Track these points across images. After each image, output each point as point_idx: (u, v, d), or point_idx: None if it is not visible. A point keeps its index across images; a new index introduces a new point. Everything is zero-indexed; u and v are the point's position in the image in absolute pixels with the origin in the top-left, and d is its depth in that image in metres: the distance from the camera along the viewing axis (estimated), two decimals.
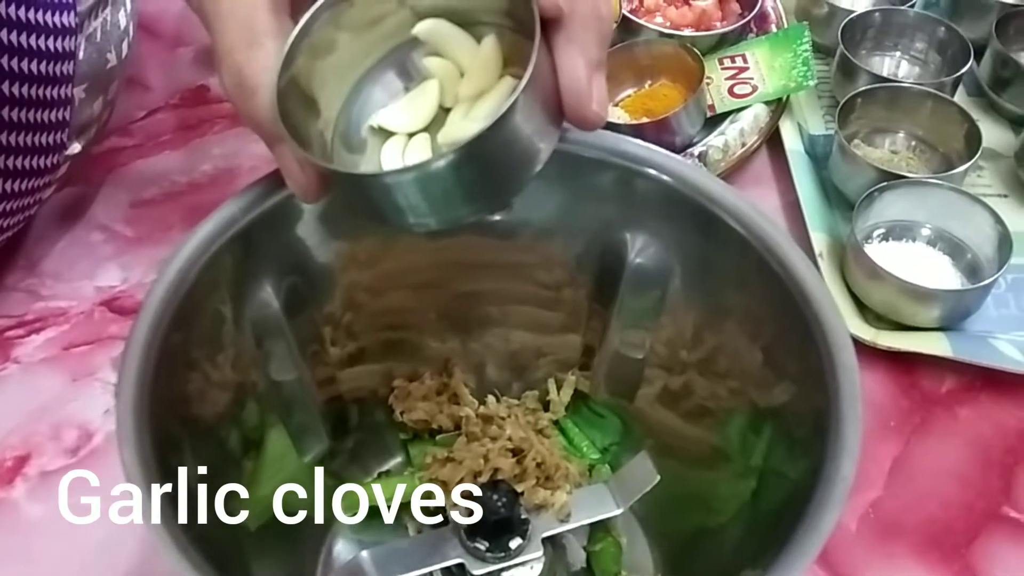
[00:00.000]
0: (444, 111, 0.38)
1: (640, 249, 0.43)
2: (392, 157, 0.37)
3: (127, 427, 0.33)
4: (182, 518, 0.32)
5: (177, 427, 0.36)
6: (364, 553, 0.41)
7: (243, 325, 0.40)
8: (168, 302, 0.36)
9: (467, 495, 0.42)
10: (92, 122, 0.61)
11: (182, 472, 0.34)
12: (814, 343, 0.36)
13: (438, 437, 0.48)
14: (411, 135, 0.37)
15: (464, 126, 0.36)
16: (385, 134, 0.38)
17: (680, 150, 0.65)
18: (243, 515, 0.37)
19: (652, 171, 0.40)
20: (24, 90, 0.53)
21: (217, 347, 0.39)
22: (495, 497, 0.40)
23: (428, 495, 0.43)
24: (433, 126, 0.37)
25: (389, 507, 0.46)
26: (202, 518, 0.35)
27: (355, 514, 0.46)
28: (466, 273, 0.46)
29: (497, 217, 0.43)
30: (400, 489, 0.45)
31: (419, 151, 0.37)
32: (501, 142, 0.33)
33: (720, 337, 0.42)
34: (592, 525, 0.46)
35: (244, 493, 0.37)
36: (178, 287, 0.36)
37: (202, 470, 0.36)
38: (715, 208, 0.40)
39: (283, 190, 0.37)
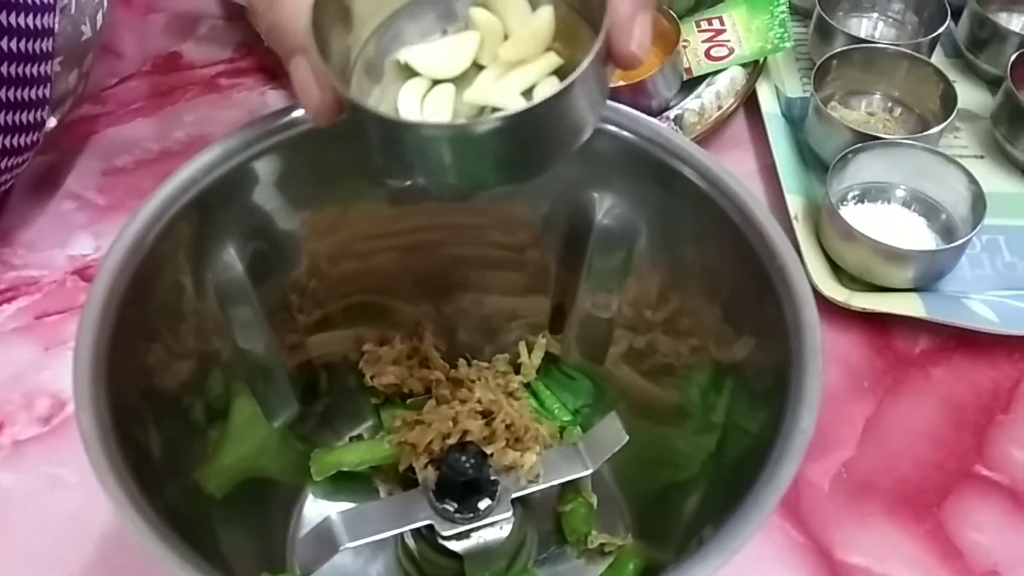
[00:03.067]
0: (476, 67, 0.35)
1: (607, 209, 0.43)
2: (410, 99, 0.34)
3: (85, 401, 0.32)
4: (146, 490, 0.31)
5: (138, 399, 0.36)
6: (333, 515, 0.41)
7: (205, 291, 0.40)
8: (124, 271, 0.35)
9: (435, 457, 0.43)
10: (67, 95, 0.61)
11: (145, 443, 0.34)
12: (775, 296, 0.36)
13: (409, 401, 0.48)
14: (435, 82, 0.35)
15: (494, 90, 0.34)
16: (408, 72, 0.35)
17: (656, 113, 0.65)
18: (209, 484, 0.37)
19: (613, 128, 0.40)
20: (3, 69, 0.52)
21: (178, 317, 0.39)
22: (463, 458, 0.40)
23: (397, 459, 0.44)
24: (460, 80, 0.35)
25: (360, 470, 0.46)
26: (167, 489, 0.35)
27: (325, 478, 0.46)
28: (434, 237, 0.46)
29: None
30: (371, 452, 0.45)
31: (441, 101, 0.34)
32: (555, 115, 0.30)
33: (683, 296, 0.42)
34: (563, 486, 0.46)
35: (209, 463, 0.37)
36: (134, 255, 0.36)
37: (166, 441, 0.36)
38: (676, 162, 0.39)
39: (243, 152, 0.37)
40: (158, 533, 0.29)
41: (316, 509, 0.46)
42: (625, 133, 0.40)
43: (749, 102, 0.69)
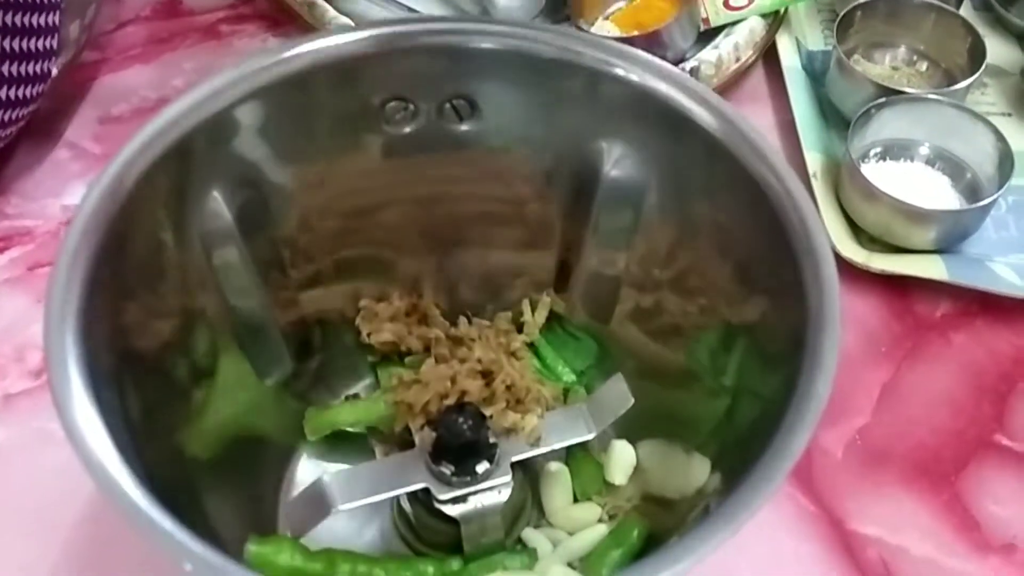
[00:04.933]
0: None
1: (616, 160, 0.41)
2: None
3: (59, 361, 0.31)
4: (125, 453, 0.30)
5: (117, 359, 0.34)
6: (325, 477, 0.39)
7: (189, 242, 0.38)
8: (97, 227, 0.33)
9: (432, 418, 0.41)
10: (68, 46, 0.60)
11: (124, 405, 0.33)
12: (791, 251, 0.34)
13: (407, 359, 0.46)
14: None
15: None
16: None
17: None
18: (193, 446, 0.35)
19: (621, 72, 0.38)
20: (10, 18, 0.52)
21: (158, 273, 0.37)
22: (460, 420, 0.39)
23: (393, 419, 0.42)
24: None
25: (355, 431, 0.44)
26: (148, 452, 0.33)
27: (320, 438, 0.45)
28: (432, 191, 0.44)
29: (464, 128, 0.41)
30: (366, 412, 0.44)
31: None
32: None
33: (693, 253, 0.40)
34: (569, 448, 0.44)
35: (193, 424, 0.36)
36: (107, 211, 0.34)
37: (147, 402, 0.34)
38: (689, 108, 0.37)
39: (223, 97, 0.35)
40: (137, 499, 0.28)
41: (309, 470, 0.45)
42: (634, 77, 0.38)
43: (768, 55, 0.67)
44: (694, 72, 0.62)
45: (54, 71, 0.58)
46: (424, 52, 0.39)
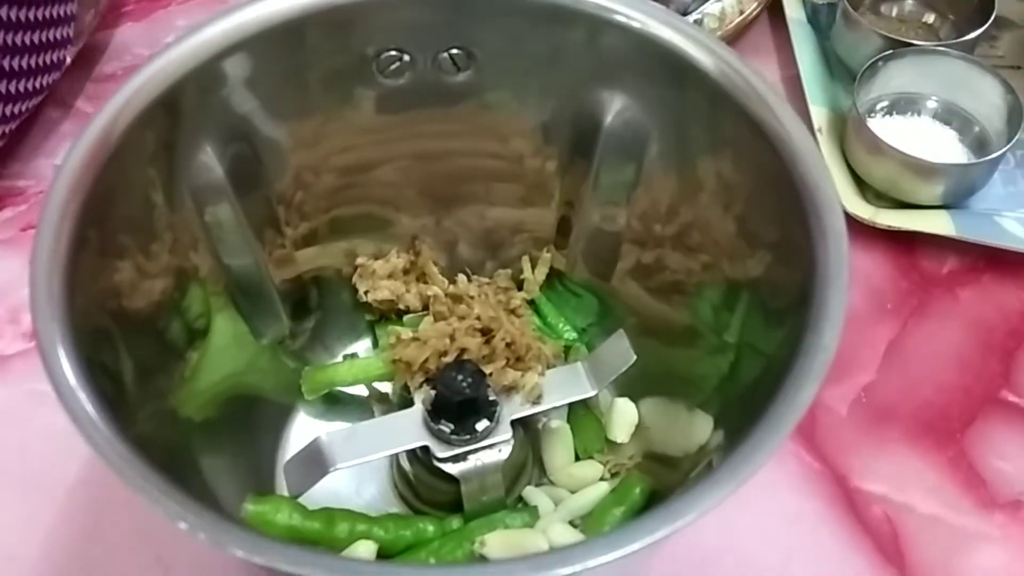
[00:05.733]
0: None
1: (618, 112, 0.40)
2: None
3: (46, 323, 0.30)
4: (118, 416, 0.29)
5: (107, 321, 0.33)
6: (323, 435, 0.39)
7: (180, 200, 0.37)
8: (84, 181, 0.33)
9: (431, 376, 0.40)
10: (82, 34, 0.60)
11: (116, 368, 0.32)
12: (797, 204, 0.33)
13: (405, 317, 0.45)
14: None
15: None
16: None
17: None
18: (187, 408, 0.34)
19: (622, 19, 0.37)
20: (28, 13, 0.52)
21: (148, 231, 0.36)
22: (459, 377, 0.38)
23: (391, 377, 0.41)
24: None
25: (354, 389, 0.44)
26: (141, 414, 0.32)
27: (318, 397, 0.44)
28: (428, 147, 0.43)
29: (461, 79, 0.40)
30: (364, 370, 0.43)
31: None
32: None
33: (695, 208, 0.39)
34: (570, 406, 0.44)
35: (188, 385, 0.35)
36: (96, 162, 0.33)
37: (140, 364, 0.33)
38: (692, 56, 0.36)
39: (216, 45, 0.34)
40: (128, 459, 0.27)
41: (307, 430, 0.44)
42: (636, 25, 0.37)
43: (773, 7, 0.66)
44: (697, 25, 0.61)
45: (68, 60, 0.57)
46: (419, 1, 0.38)
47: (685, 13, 0.62)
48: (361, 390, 0.45)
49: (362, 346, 0.47)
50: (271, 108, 0.38)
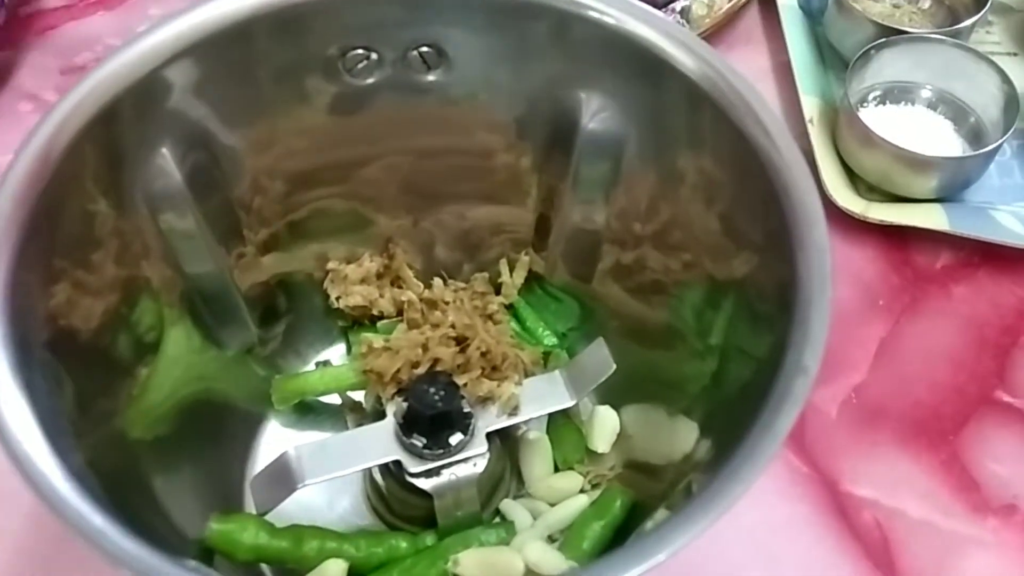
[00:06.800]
0: None
1: (595, 112, 0.38)
2: None
3: None
4: (61, 445, 0.28)
5: (51, 344, 0.32)
6: (291, 450, 0.37)
7: (132, 208, 0.36)
8: (24, 201, 0.31)
9: (404, 387, 0.39)
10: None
11: (59, 393, 0.30)
12: (780, 211, 0.31)
13: (379, 323, 0.44)
14: None
15: None
16: None
17: (661, 6, 0.59)
18: (135, 429, 0.33)
19: (596, 15, 0.35)
20: None
21: (94, 246, 0.35)
22: (431, 390, 0.37)
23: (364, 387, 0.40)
24: None
25: (327, 397, 0.42)
26: (88, 440, 0.31)
27: (291, 407, 0.43)
28: (405, 146, 0.42)
29: (432, 78, 0.39)
30: (336, 380, 0.42)
31: None
32: None
33: (675, 206, 0.38)
34: (550, 415, 0.42)
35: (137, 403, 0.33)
36: (36, 182, 0.31)
37: (82, 388, 0.32)
38: (670, 55, 0.35)
39: (159, 53, 0.32)
40: (67, 495, 0.26)
41: (279, 440, 0.43)
42: (610, 20, 0.35)
43: None
44: (685, 13, 0.59)
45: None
46: None
47: (671, 1, 0.60)
48: (334, 398, 0.44)
49: (336, 352, 0.46)
50: (227, 113, 0.37)
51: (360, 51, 0.38)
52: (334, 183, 0.42)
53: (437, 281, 0.44)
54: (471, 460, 0.38)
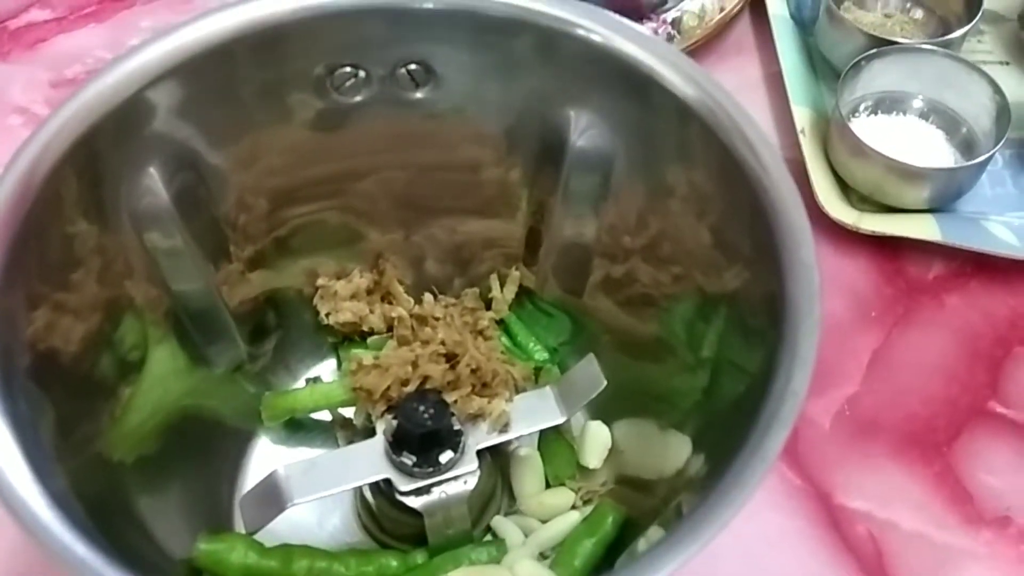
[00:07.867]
0: None
1: (583, 130, 0.38)
2: None
3: None
4: (42, 471, 0.27)
5: (33, 368, 0.32)
6: (280, 469, 0.37)
7: (117, 227, 0.35)
8: (5, 228, 0.31)
9: (394, 404, 0.39)
10: None
11: (42, 417, 0.30)
12: (767, 228, 0.31)
13: (369, 339, 0.44)
14: None
15: None
16: None
17: (648, 16, 0.59)
18: (117, 451, 0.33)
19: (583, 32, 0.35)
20: None
21: (76, 269, 0.34)
22: (421, 408, 0.37)
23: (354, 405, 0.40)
24: None
25: (317, 413, 0.42)
26: (71, 464, 0.31)
27: (281, 424, 0.42)
28: (394, 162, 0.42)
29: (420, 95, 0.38)
30: (325, 397, 0.41)
31: None
32: None
33: (665, 219, 0.38)
34: (541, 431, 0.42)
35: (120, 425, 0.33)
36: (17, 210, 0.31)
37: (63, 412, 0.32)
38: (657, 72, 0.35)
39: (141, 77, 0.32)
40: (48, 522, 0.25)
41: (269, 457, 0.43)
42: (596, 38, 0.35)
43: (755, 3, 0.64)
44: (676, 23, 0.59)
45: None
46: (369, 16, 0.36)
47: (660, 8, 0.60)
48: (325, 415, 0.44)
49: (327, 367, 0.46)
50: (213, 132, 0.37)
51: (348, 69, 0.37)
52: (324, 198, 0.42)
53: (427, 297, 0.44)
54: (461, 478, 0.38)
